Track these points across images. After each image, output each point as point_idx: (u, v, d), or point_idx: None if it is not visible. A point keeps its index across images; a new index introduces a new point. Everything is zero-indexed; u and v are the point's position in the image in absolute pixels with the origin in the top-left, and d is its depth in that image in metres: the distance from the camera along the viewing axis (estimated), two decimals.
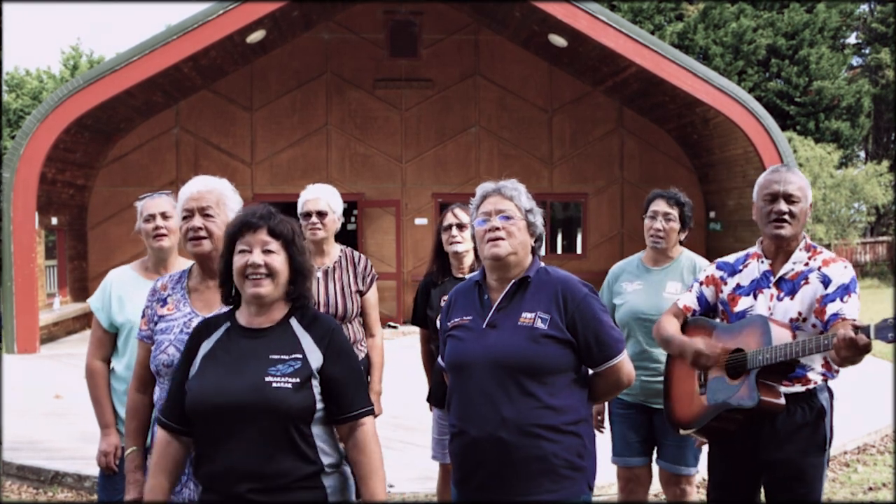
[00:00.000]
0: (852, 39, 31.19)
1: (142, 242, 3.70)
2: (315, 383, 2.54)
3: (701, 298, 3.43)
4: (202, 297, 2.99)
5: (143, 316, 3.05)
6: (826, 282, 3.11)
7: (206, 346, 2.63)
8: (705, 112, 14.00)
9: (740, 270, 3.35)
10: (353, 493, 2.66)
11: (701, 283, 3.45)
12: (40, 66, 31.25)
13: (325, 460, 2.56)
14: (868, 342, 2.76)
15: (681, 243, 4.35)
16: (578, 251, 16.55)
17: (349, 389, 2.58)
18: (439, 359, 3.12)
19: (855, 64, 31.16)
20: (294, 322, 2.63)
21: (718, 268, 3.44)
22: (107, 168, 15.14)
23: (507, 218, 2.87)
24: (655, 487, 4.88)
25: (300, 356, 2.55)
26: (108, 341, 3.63)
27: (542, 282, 2.90)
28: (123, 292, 3.59)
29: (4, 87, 28.20)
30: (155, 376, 2.97)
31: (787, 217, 3.14)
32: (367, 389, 2.68)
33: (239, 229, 2.60)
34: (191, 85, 14.78)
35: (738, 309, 3.27)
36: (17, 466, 6.30)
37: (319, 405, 2.55)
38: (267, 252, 2.57)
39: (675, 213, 4.21)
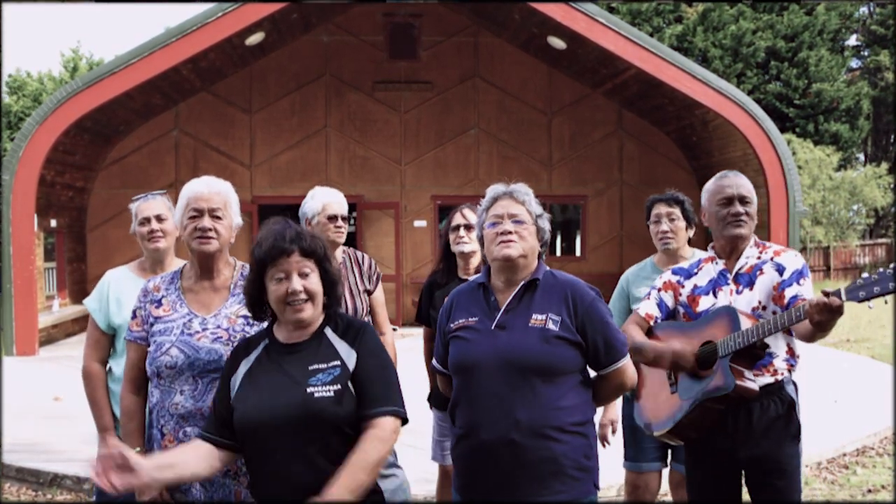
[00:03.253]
0: (852, 41, 31.24)
1: (139, 244, 3.71)
2: (351, 385, 2.56)
3: (661, 305, 3.48)
4: (198, 297, 2.99)
5: (133, 317, 3.04)
6: (780, 269, 3.24)
7: (245, 366, 2.66)
8: (704, 114, 14.01)
9: (696, 273, 3.44)
10: (410, 495, 2.67)
11: (659, 290, 3.51)
12: (42, 69, 31.25)
13: None
14: (841, 304, 2.83)
15: (689, 242, 4.34)
16: (578, 253, 16.56)
17: (373, 388, 2.57)
18: (434, 361, 3.13)
19: (854, 66, 31.21)
20: (329, 332, 2.65)
21: (674, 273, 3.52)
22: (106, 170, 15.14)
23: (519, 222, 2.88)
24: (663, 489, 4.86)
25: (338, 363, 2.58)
26: (106, 343, 3.63)
27: (549, 284, 2.91)
28: (122, 294, 3.59)
29: (5, 90, 28.22)
30: (150, 377, 2.96)
31: (743, 217, 3.29)
32: (395, 392, 2.62)
33: (271, 256, 2.60)
34: (190, 87, 14.79)
35: (700, 309, 3.35)
36: (17, 469, 6.30)
37: None
38: (303, 275, 2.59)
39: (676, 211, 4.22)
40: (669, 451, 4.27)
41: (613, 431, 4.20)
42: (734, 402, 3.15)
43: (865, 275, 2.86)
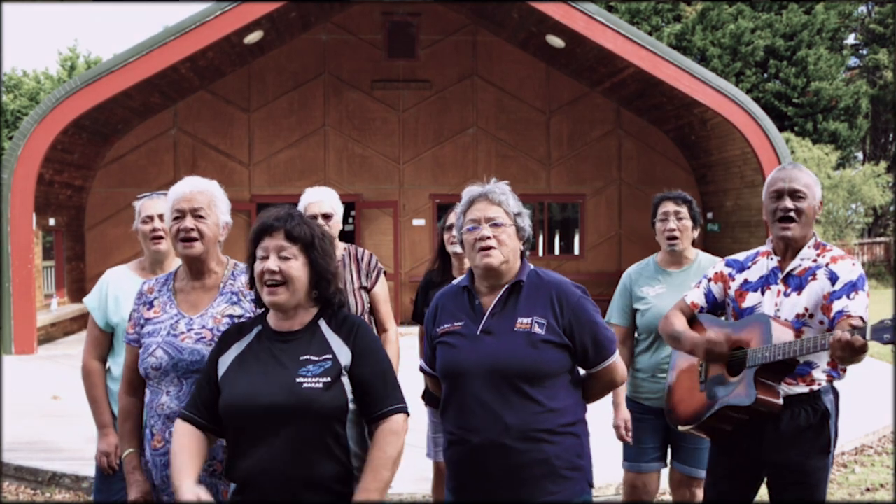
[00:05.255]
0: (850, 40, 31.22)
1: (140, 243, 3.71)
2: (345, 381, 2.54)
3: (709, 295, 3.41)
4: (188, 298, 2.97)
5: (129, 319, 3.03)
6: (833, 279, 3.09)
7: (236, 349, 2.64)
8: (703, 113, 14.01)
9: (749, 267, 3.33)
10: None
11: (710, 280, 3.43)
12: (38, 68, 31.25)
13: (356, 463, 2.55)
14: (864, 343, 2.74)
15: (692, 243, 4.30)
16: (576, 252, 16.56)
17: (377, 389, 2.56)
18: (422, 362, 3.10)
19: (853, 65, 31.18)
20: (323, 324, 2.63)
21: (727, 265, 3.42)
22: (104, 169, 15.14)
23: (497, 225, 2.82)
24: (662, 487, 4.85)
25: (330, 356, 2.56)
26: (105, 341, 3.63)
27: (534, 286, 2.87)
28: (120, 292, 3.59)
29: (3, 88, 28.18)
30: (144, 379, 2.94)
31: (792, 214, 3.12)
32: (397, 388, 2.62)
33: (258, 233, 2.60)
34: (188, 86, 14.78)
35: (745, 305, 3.26)
36: (15, 467, 6.30)
37: (352, 405, 2.55)
38: (283, 258, 2.56)
39: (684, 210, 4.15)
40: (669, 451, 4.25)
41: (627, 430, 4.13)
42: (757, 414, 3.08)
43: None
